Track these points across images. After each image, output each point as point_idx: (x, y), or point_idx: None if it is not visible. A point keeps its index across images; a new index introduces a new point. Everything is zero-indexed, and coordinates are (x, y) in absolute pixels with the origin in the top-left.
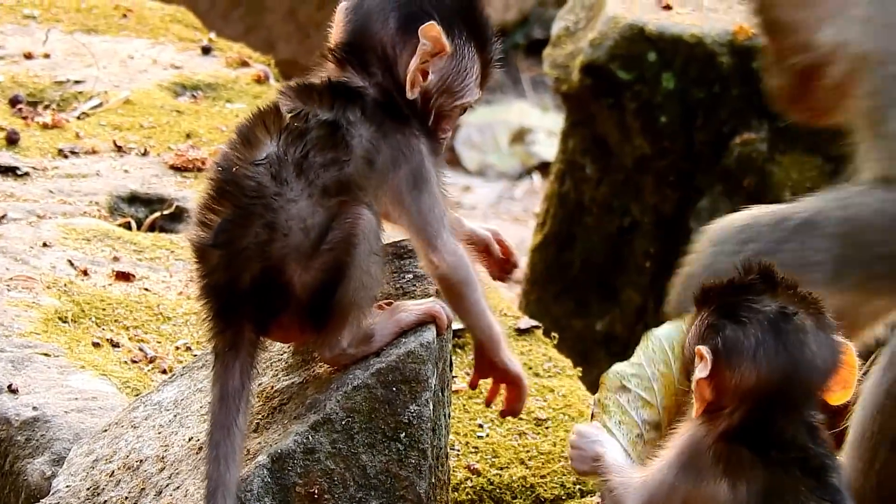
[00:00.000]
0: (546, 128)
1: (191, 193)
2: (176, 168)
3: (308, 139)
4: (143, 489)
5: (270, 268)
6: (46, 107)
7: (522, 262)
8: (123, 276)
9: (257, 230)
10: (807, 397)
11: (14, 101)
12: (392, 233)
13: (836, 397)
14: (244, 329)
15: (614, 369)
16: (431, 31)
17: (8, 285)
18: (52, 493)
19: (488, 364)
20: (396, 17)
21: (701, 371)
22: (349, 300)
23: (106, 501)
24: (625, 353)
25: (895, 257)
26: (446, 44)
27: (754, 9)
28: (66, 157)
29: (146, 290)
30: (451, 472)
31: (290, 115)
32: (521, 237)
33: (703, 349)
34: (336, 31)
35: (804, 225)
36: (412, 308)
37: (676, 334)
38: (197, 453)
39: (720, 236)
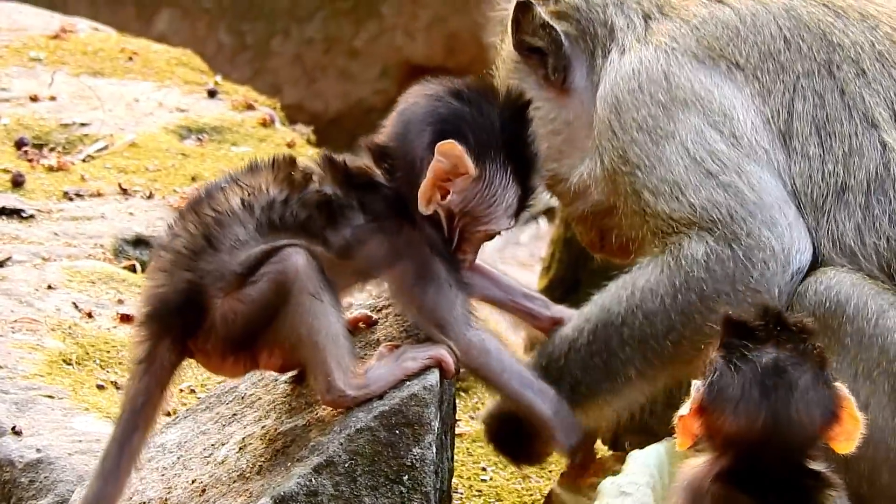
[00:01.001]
0: None
1: None
2: None
3: (300, 194)
4: None
5: (194, 282)
6: (52, 149)
7: None
8: (128, 319)
9: (198, 239)
10: (794, 450)
11: (20, 144)
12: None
13: (839, 447)
14: (161, 345)
15: (609, 482)
16: (452, 149)
17: (12, 327)
18: None
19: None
20: (431, 132)
21: (683, 409)
22: (301, 340)
23: None
24: None
25: (676, 330)
26: (470, 166)
27: None
28: (71, 199)
29: None
30: None
31: (303, 169)
32: (527, 282)
33: (697, 384)
34: (384, 130)
35: (599, 331)
36: (418, 355)
37: (655, 458)
38: (200, 495)
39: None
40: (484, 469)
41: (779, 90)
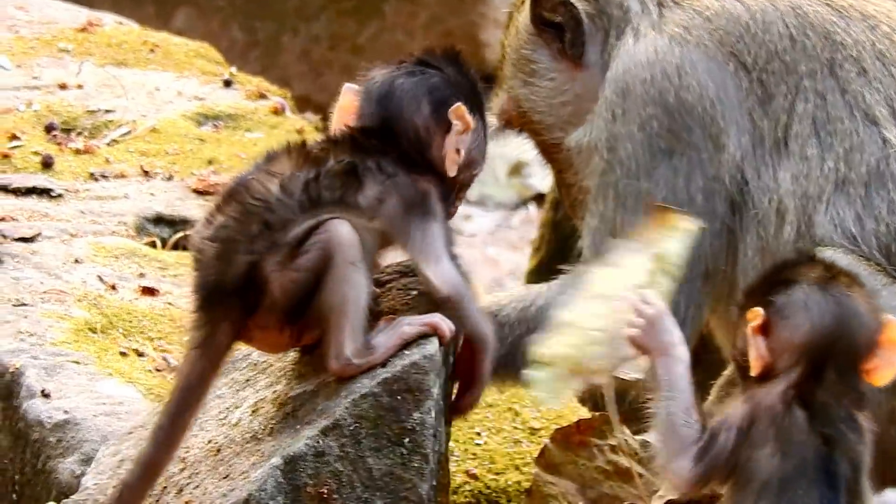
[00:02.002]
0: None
1: None
2: (198, 192)
3: (325, 168)
4: (164, 487)
5: (254, 263)
6: (79, 134)
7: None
8: (149, 291)
9: (253, 226)
10: (855, 358)
11: (49, 129)
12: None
13: (879, 376)
14: (220, 329)
15: None
16: (462, 111)
17: (42, 298)
18: (81, 491)
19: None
20: (429, 101)
21: (755, 322)
22: (332, 306)
23: None
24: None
25: None
26: (471, 121)
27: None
28: (96, 180)
29: (170, 304)
30: (451, 476)
31: (316, 148)
32: (517, 263)
33: (757, 309)
34: (354, 114)
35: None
36: (415, 321)
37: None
38: (215, 455)
39: None
40: (479, 434)
41: (781, 92)
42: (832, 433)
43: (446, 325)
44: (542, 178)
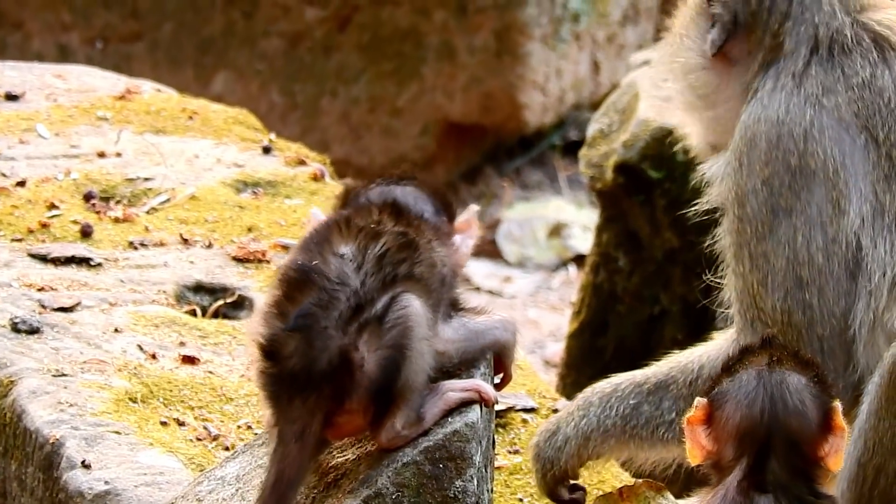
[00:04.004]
0: (581, 223)
1: (252, 283)
2: (238, 259)
3: (385, 240)
4: None
5: (347, 346)
6: (118, 202)
7: (559, 347)
8: (189, 360)
9: (341, 310)
10: (799, 442)
11: (88, 197)
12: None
13: (833, 463)
14: (315, 419)
15: None
16: (470, 214)
17: (82, 368)
18: None
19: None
20: (433, 203)
21: (691, 413)
22: (409, 382)
23: None
24: None
25: None
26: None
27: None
28: (136, 248)
29: (210, 372)
30: None
31: (365, 222)
32: (558, 325)
33: (701, 399)
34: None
35: (657, 388)
36: (457, 386)
37: None
38: None
39: (587, 402)
40: (521, 500)
41: None
42: None
43: (490, 389)
44: (582, 240)
